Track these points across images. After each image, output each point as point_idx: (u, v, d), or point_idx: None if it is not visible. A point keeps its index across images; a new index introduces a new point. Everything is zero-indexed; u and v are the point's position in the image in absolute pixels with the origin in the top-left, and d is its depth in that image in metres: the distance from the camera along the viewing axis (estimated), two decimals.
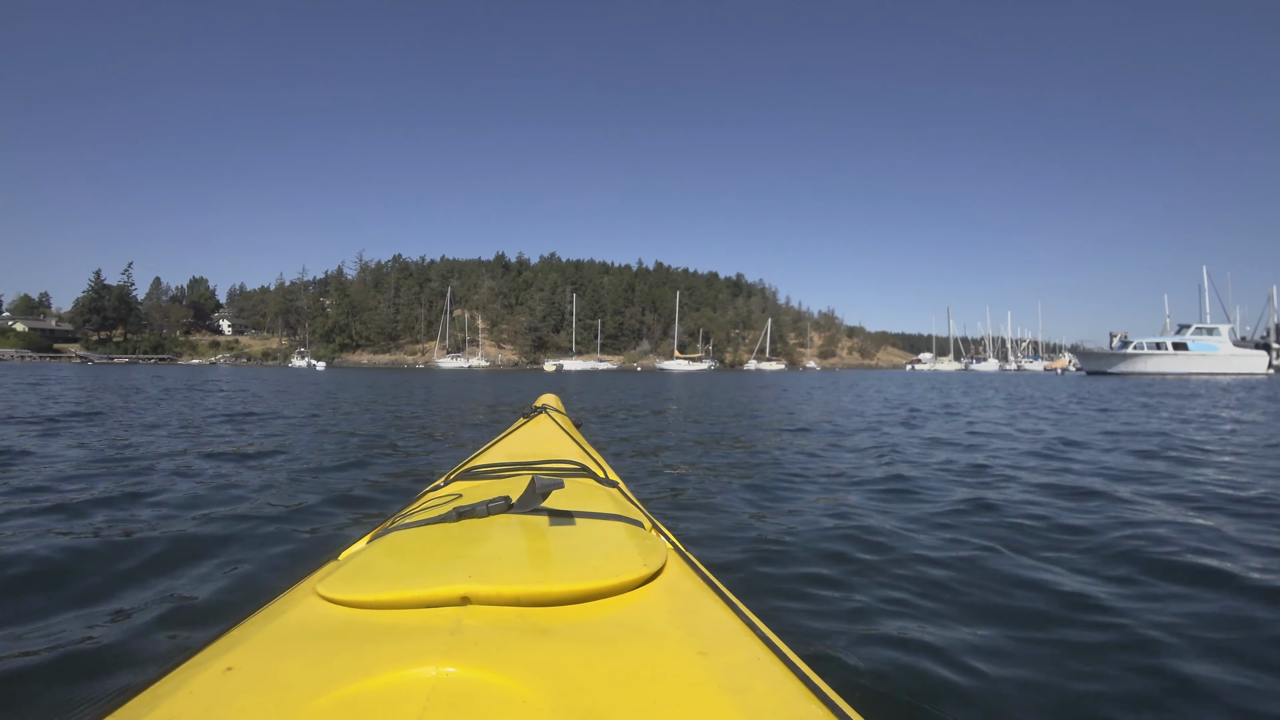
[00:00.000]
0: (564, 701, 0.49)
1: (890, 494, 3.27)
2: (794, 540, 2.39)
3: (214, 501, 2.90)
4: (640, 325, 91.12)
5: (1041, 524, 2.61)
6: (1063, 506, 2.95)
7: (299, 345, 78.68)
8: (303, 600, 0.72)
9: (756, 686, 0.56)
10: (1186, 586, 1.90)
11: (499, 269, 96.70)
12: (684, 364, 68.24)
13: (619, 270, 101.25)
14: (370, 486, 3.33)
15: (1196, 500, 3.06)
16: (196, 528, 2.42)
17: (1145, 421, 7.35)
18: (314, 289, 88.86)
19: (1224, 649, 1.52)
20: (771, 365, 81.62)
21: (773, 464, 4.28)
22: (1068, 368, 63.73)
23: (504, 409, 9.26)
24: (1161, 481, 3.55)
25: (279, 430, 6.06)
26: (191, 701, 0.52)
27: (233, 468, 3.86)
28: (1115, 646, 1.53)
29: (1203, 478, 3.67)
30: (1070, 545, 2.35)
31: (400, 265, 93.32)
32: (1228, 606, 1.75)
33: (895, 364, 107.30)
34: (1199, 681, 1.36)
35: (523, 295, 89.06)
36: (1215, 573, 1.99)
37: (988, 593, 1.88)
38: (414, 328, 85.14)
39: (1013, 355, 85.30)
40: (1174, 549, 2.23)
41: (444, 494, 1.28)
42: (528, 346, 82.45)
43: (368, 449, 4.81)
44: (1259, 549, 2.26)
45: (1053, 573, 2.04)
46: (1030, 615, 1.72)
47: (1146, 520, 2.65)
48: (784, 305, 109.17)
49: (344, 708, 0.48)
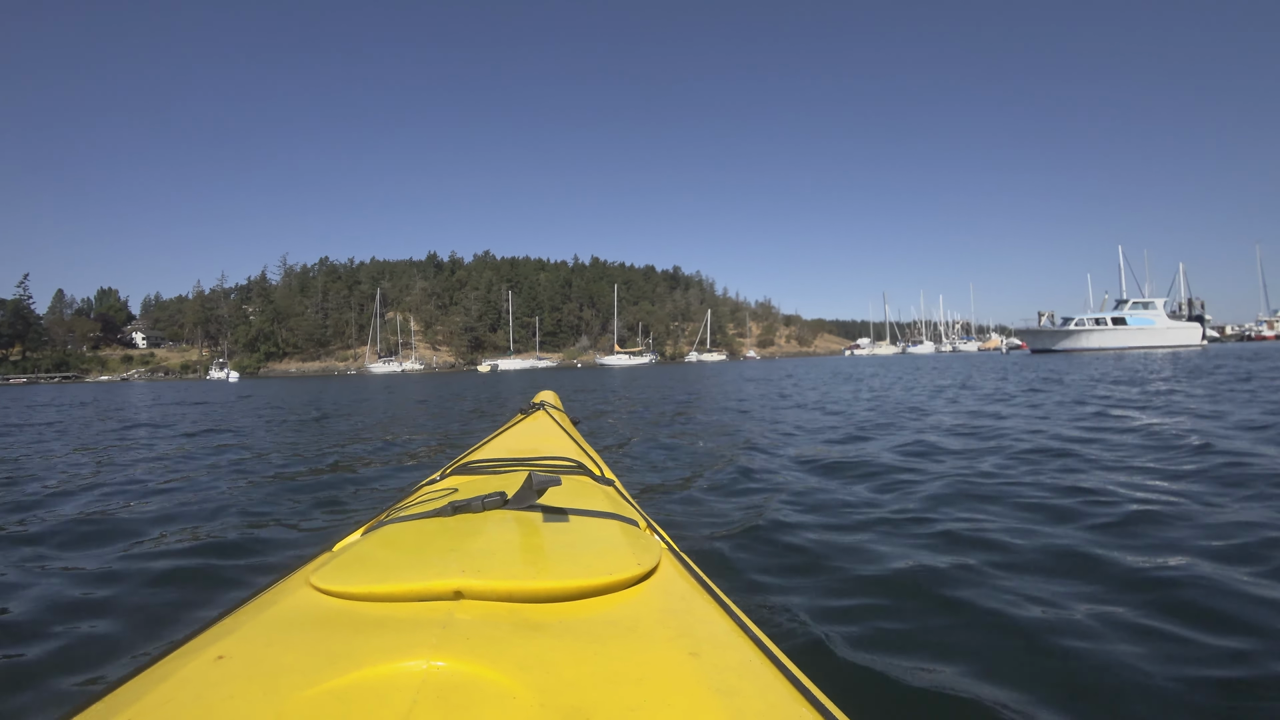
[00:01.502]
0: (553, 698, 0.49)
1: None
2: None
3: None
4: (579, 321, 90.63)
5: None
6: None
7: (220, 356, 74.87)
8: (296, 590, 0.71)
9: (746, 689, 0.56)
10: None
11: (431, 269, 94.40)
12: (625, 358, 68.29)
13: (555, 266, 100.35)
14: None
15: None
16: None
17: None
18: (235, 296, 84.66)
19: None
20: (713, 356, 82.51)
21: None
22: (1000, 348, 66.49)
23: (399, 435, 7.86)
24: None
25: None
26: (182, 689, 0.51)
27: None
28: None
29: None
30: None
31: (328, 268, 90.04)
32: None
33: (833, 350, 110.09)
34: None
35: (457, 295, 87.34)
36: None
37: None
38: (344, 332, 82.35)
39: (946, 337, 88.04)
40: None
41: (440, 488, 1.30)
42: (464, 347, 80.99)
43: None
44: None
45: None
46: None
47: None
48: (722, 296, 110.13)
49: (335, 698, 0.48)
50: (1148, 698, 1.25)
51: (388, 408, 10.69)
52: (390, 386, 21.31)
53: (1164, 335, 36.55)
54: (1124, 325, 36.32)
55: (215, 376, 57.30)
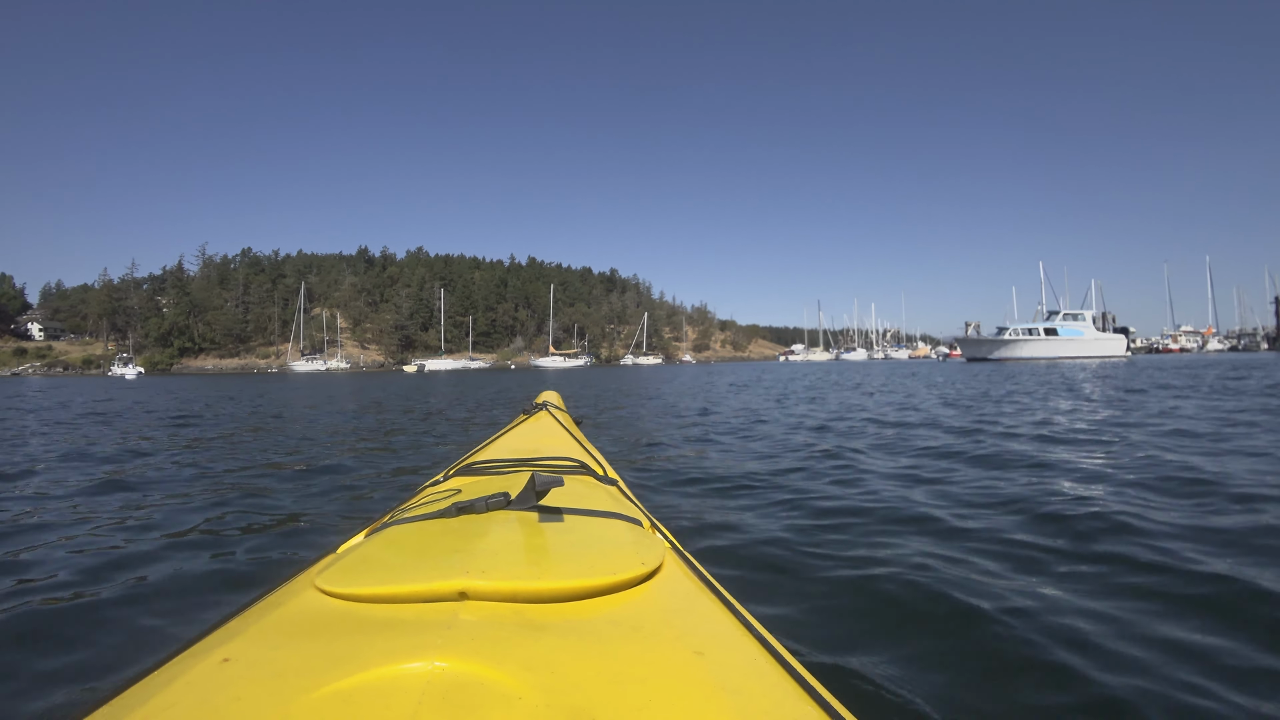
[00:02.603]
0: (558, 698, 0.49)
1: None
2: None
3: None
4: (514, 322, 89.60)
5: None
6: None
7: (126, 351, 70.13)
8: (301, 593, 0.71)
9: (752, 688, 0.56)
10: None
11: (362, 264, 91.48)
12: (559, 360, 67.56)
13: (491, 265, 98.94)
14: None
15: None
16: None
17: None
18: (148, 287, 79.95)
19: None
20: (648, 360, 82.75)
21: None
22: (930, 356, 68.90)
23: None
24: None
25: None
26: (188, 691, 0.52)
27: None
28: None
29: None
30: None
31: (250, 260, 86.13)
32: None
33: (767, 356, 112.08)
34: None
35: (388, 292, 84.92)
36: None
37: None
38: (267, 328, 78.99)
39: (878, 345, 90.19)
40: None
41: (443, 489, 1.29)
42: (394, 346, 78.85)
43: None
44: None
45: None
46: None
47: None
48: (659, 300, 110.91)
49: (340, 700, 0.48)
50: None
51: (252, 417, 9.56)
52: (315, 384, 20.29)
53: (1093, 346, 37.54)
54: (1055, 336, 37.18)
55: (117, 373, 53.91)
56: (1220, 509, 2.61)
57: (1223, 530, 2.29)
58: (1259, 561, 1.98)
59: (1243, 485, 2.95)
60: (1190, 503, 2.74)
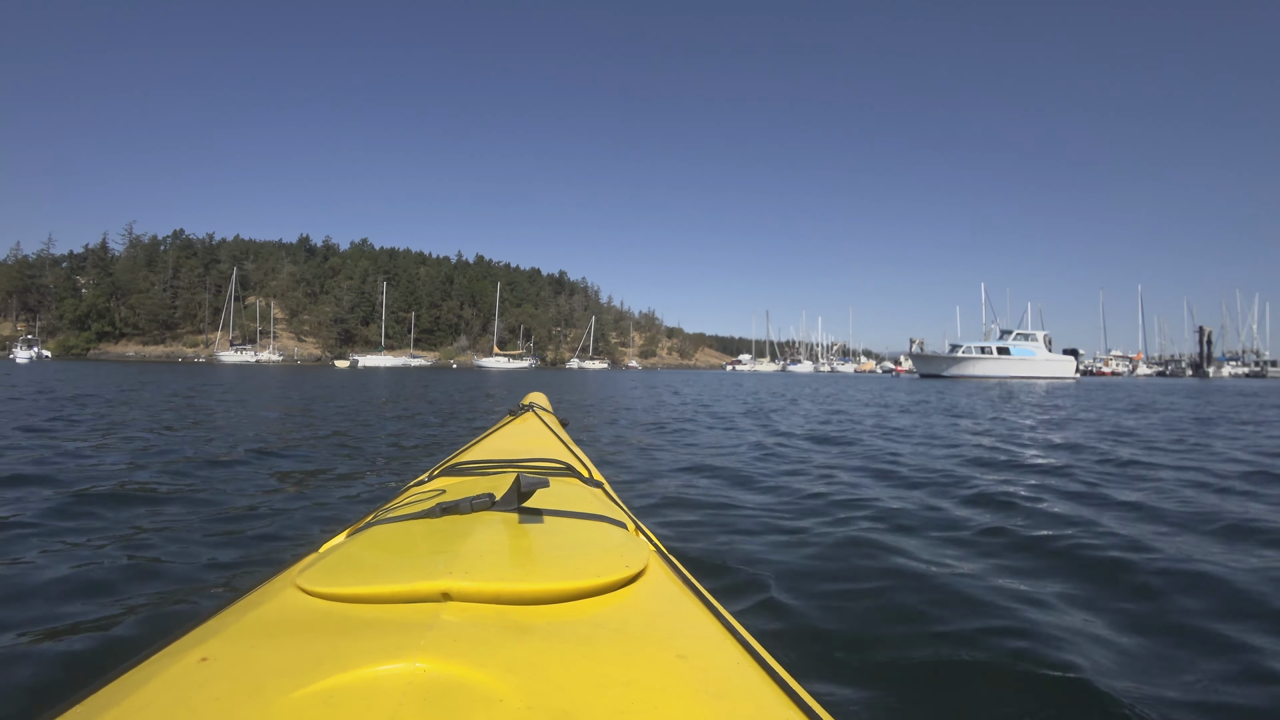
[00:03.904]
0: (541, 701, 0.49)
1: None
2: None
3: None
4: (458, 320, 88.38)
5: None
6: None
7: (32, 333, 65.90)
8: (281, 592, 0.70)
9: (734, 691, 0.56)
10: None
11: (302, 253, 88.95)
12: (504, 361, 66.29)
13: (437, 261, 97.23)
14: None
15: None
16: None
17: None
18: (66, 265, 75.83)
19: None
20: (594, 364, 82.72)
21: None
22: (875, 370, 70.42)
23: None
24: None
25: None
26: (164, 691, 0.51)
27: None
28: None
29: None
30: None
31: (182, 242, 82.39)
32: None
33: (713, 364, 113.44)
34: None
35: (329, 283, 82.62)
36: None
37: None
38: (197, 315, 75.82)
39: (824, 358, 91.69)
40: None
41: (428, 489, 1.28)
42: (333, 340, 76.62)
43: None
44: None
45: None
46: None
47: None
48: (607, 304, 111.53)
49: (320, 700, 0.48)
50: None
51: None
52: (244, 378, 19.18)
53: (1044, 366, 38.01)
54: (1008, 355, 37.64)
55: (22, 357, 50.61)
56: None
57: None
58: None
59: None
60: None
